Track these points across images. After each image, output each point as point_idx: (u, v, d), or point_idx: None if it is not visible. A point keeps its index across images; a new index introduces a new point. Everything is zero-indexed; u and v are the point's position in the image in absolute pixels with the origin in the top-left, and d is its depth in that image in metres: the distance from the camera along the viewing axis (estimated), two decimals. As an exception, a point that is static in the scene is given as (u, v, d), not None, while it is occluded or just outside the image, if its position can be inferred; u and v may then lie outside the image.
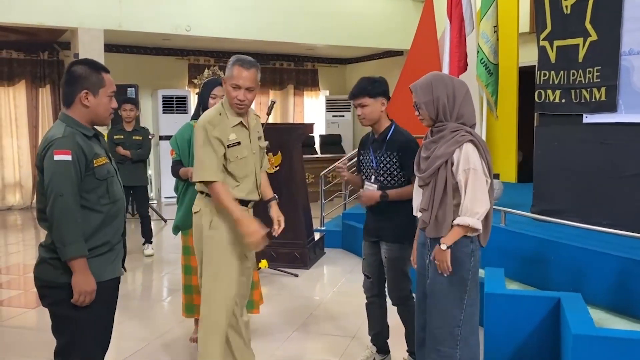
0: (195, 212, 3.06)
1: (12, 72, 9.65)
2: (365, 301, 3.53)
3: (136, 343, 3.97)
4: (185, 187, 3.80)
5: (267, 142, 3.28)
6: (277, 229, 3.10)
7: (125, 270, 2.57)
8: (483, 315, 3.45)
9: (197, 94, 3.89)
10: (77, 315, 2.35)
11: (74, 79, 2.36)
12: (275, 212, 3.14)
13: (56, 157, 2.25)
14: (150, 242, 6.60)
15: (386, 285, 3.43)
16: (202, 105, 3.74)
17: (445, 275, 2.61)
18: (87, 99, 2.35)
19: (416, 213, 2.83)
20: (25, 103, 9.81)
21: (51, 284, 2.35)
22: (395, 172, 3.23)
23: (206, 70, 4.16)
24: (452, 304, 2.66)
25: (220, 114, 2.95)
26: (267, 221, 3.04)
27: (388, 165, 3.24)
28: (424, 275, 2.81)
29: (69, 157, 2.26)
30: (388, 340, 3.58)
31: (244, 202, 3.01)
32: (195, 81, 4.19)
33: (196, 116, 3.85)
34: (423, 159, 2.72)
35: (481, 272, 3.85)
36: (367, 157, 3.35)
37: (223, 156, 2.92)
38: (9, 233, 8.15)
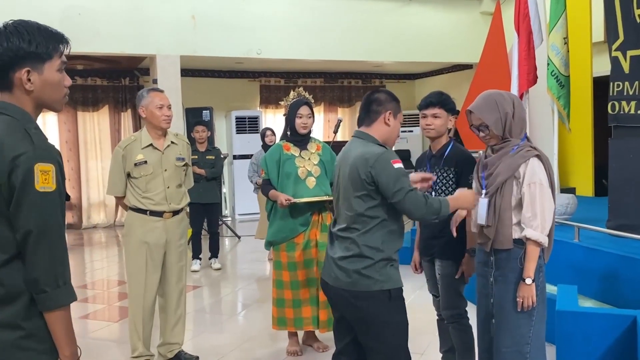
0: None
1: (96, 98, 10.26)
2: (437, 318, 3.51)
3: (216, 355, 4.13)
4: (275, 205, 3.91)
5: (185, 161, 3.76)
6: None
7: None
8: (555, 334, 3.38)
9: (284, 115, 4.05)
10: (395, 318, 2.62)
11: None
12: None
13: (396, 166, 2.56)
14: (216, 257, 6.94)
15: (440, 303, 3.38)
16: (290, 125, 3.87)
17: (526, 310, 2.57)
18: None
19: (474, 229, 2.81)
20: (109, 127, 10.38)
21: (367, 294, 2.56)
22: (451, 189, 3.20)
23: (292, 92, 4.29)
24: (521, 321, 2.61)
25: (135, 139, 3.62)
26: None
27: (444, 181, 3.22)
28: (486, 295, 2.77)
29: None
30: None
31: (156, 213, 3.59)
32: (282, 102, 4.38)
33: (284, 136, 3.99)
34: (485, 176, 2.71)
35: (554, 289, 3.79)
36: None
37: (128, 173, 3.57)
38: (94, 250, 8.62)
